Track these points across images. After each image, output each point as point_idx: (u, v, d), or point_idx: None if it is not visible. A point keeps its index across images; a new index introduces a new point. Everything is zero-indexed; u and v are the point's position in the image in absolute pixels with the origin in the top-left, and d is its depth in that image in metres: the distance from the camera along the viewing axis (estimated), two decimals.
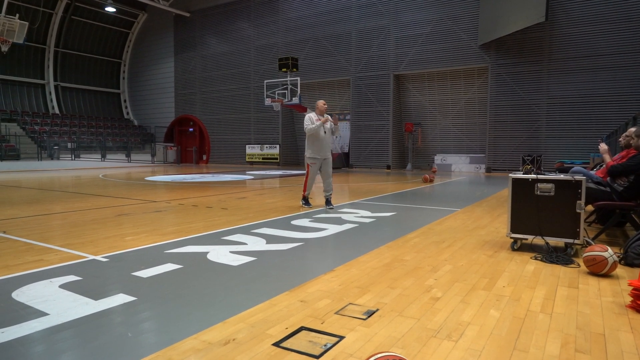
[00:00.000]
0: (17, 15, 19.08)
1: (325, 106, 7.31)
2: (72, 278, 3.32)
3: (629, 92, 16.03)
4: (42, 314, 2.61)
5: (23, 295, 2.94)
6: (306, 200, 7.48)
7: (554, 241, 4.21)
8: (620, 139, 5.45)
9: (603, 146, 5.10)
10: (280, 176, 16.14)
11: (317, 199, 8.28)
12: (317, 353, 2.13)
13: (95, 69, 32.23)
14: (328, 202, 7.39)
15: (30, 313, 2.62)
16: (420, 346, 2.23)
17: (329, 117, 7.30)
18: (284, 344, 2.23)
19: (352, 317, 2.60)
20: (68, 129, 28.24)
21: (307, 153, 7.29)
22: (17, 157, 23.53)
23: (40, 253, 4.12)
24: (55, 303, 2.79)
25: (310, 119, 7.15)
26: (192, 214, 6.67)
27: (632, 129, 5.18)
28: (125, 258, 3.97)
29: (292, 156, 25.32)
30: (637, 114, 8.47)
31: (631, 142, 4.96)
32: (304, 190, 7.44)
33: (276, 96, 19.85)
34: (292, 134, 25.49)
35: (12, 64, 27.79)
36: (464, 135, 20.57)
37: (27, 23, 19.38)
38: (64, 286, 3.13)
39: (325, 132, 7.22)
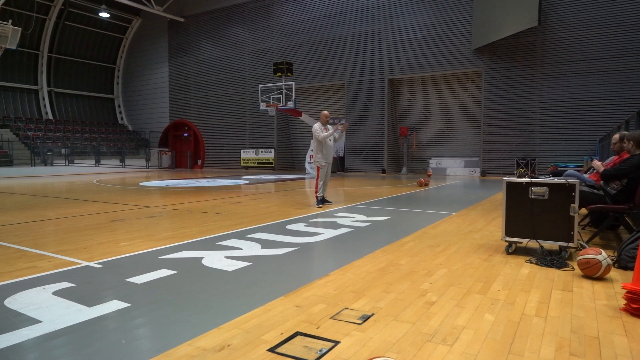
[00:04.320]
0: (10, 20, 18.98)
1: (329, 117, 8.29)
2: (65, 285, 3.29)
3: (621, 95, 16.19)
4: (35, 321, 2.59)
5: (15, 302, 2.91)
6: (321, 200, 8.17)
7: (548, 244, 4.23)
8: (612, 146, 5.53)
9: (596, 162, 5.15)
10: (276, 180, 16.13)
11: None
12: (312, 358, 2.13)
13: (89, 74, 32.13)
14: (324, 199, 8.41)
15: (22, 320, 2.60)
16: (415, 350, 2.23)
17: (346, 124, 8.66)
18: (279, 350, 2.22)
19: (347, 321, 2.60)
20: (62, 134, 28.09)
21: (317, 158, 8.18)
22: (10, 163, 23.36)
23: (33, 260, 4.08)
24: (49, 310, 2.76)
25: (320, 129, 8.07)
26: (187, 219, 6.65)
27: (616, 135, 5.27)
28: (119, 264, 3.94)
29: (287, 160, 25.29)
30: (629, 118, 8.55)
31: (624, 146, 5.01)
32: (317, 192, 8.16)
33: (271, 101, 19.86)
34: (287, 139, 25.49)
35: (5, 70, 27.65)
36: (458, 139, 20.66)
37: (20, 29, 19.27)
38: (57, 293, 3.10)
39: (331, 139, 8.20)
